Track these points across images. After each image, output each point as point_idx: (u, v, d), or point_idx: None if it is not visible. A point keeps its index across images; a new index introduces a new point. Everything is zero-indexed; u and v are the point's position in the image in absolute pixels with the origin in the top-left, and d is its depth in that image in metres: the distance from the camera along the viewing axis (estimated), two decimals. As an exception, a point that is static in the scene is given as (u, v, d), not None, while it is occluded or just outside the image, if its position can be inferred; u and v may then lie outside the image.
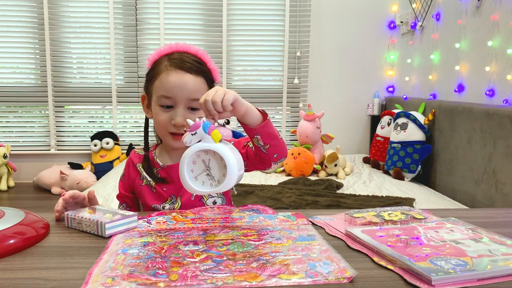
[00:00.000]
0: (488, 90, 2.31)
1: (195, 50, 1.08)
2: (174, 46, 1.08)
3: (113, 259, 0.71)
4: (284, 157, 0.99)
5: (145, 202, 1.09)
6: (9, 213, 0.87)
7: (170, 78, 1.02)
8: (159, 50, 1.08)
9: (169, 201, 1.07)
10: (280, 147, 0.96)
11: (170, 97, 1.02)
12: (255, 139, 0.93)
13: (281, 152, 0.97)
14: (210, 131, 0.82)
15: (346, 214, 0.94)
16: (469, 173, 2.29)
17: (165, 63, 1.04)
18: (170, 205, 1.07)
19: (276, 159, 0.97)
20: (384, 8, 3.64)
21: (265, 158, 0.97)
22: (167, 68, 1.03)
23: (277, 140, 0.95)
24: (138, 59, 3.59)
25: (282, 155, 0.98)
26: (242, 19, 3.63)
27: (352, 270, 0.66)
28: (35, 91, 3.57)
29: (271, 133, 0.93)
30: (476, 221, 0.92)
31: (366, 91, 3.74)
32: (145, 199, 1.09)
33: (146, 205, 1.10)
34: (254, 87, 3.69)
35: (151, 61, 1.09)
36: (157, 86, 1.04)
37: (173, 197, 1.08)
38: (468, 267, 0.66)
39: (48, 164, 3.55)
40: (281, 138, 0.96)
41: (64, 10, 3.53)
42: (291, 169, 2.89)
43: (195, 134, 0.82)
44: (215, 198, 1.10)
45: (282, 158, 0.98)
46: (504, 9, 2.21)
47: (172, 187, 1.08)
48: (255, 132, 0.92)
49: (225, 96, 0.83)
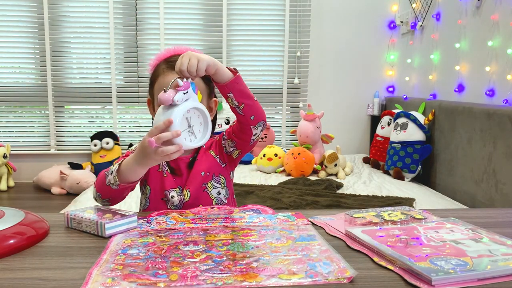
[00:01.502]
0: (488, 90, 2.31)
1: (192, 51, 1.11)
2: (172, 50, 1.13)
3: (113, 259, 0.71)
4: (263, 121, 1.04)
5: (155, 187, 1.12)
6: (9, 213, 0.87)
7: (166, 80, 1.07)
8: (159, 55, 1.14)
9: (177, 190, 1.10)
10: (255, 107, 1.02)
11: None
12: (229, 98, 0.99)
13: (258, 115, 1.02)
14: (197, 91, 0.90)
15: (346, 214, 0.94)
16: (469, 173, 2.29)
17: (163, 66, 1.10)
18: (177, 194, 1.10)
19: (254, 122, 1.02)
20: (384, 8, 3.64)
21: (243, 122, 1.03)
22: (164, 71, 1.08)
23: (251, 100, 1.01)
24: (138, 59, 3.59)
25: (259, 117, 1.03)
26: (242, 19, 3.63)
27: (352, 270, 0.66)
28: (35, 91, 3.57)
29: (243, 91, 0.99)
30: (476, 221, 0.92)
31: (366, 91, 3.74)
32: (156, 184, 1.12)
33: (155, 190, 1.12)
34: (254, 87, 3.69)
35: (151, 66, 1.14)
36: (157, 89, 1.09)
37: (180, 188, 1.11)
38: (468, 267, 0.66)
39: (48, 164, 3.54)
40: (256, 101, 1.02)
41: (64, 10, 3.53)
42: (291, 169, 2.89)
43: (186, 93, 0.87)
44: (219, 189, 1.14)
45: (260, 122, 1.04)
46: (504, 9, 2.21)
47: (180, 179, 1.12)
48: (227, 89, 0.97)
49: (198, 65, 0.89)
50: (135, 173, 0.97)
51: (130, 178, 0.97)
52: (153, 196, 1.12)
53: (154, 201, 1.12)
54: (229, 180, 1.17)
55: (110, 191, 1.00)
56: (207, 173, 1.12)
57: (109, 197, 1.03)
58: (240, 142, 1.09)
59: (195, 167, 1.12)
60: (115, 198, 1.04)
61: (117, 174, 0.97)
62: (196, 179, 1.11)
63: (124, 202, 2.25)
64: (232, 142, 1.11)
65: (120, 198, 1.05)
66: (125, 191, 1.03)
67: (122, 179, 0.97)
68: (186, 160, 1.13)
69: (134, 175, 0.97)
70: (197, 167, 1.12)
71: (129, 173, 0.96)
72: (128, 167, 0.96)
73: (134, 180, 0.99)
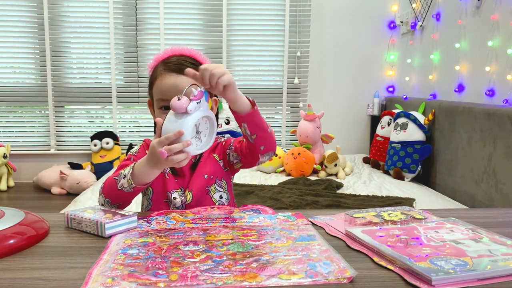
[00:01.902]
0: (488, 90, 2.31)
1: (189, 51, 1.13)
2: (170, 51, 1.13)
3: (113, 259, 0.71)
4: (272, 152, 1.05)
5: (157, 188, 1.12)
6: (9, 213, 0.87)
7: (164, 81, 1.07)
8: (157, 57, 1.14)
9: (179, 191, 1.11)
10: (267, 140, 1.01)
11: (166, 99, 1.05)
12: (243, 127, 0.99)
13: (268, 145, 1.02)
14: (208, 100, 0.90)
15: (346, 214, 0.94)
16: (469, 173, 2.29)
17: (160, 68, 1.09)
18: (179, 195, 1.10)
19: (263, 152, 1.02)
20: (384, 8, 3.64)
21: (252, 149, 1.03)
22: (161, 73, 1.08)
23: (265, 133, 1.00)
24: (138, 59, 3.59)
25: (269, 148, 1.03)
26: (242, 19, 3.63)
27: (352, 270, 0.66)
28: (35, 91, 3.57)
29: (258, 124, 0.98)
30: (476, 221, 0.92)
31: (366, 91, 3.74)
32: (158, 185, 1.12)
33: (157, 191, 1.12)
34: (254, 87, 3.69)
35: (150, 67, 1.14)
36: (155, 91, 1.10)
37: (182, 189, 1.11)
38: (468, 267, 0.66)
39: (48, 164, 3.55)
40: (270, 132, 1.01)
41: (64, 10, 3.53)
42: (291, 169, 2.89)
43: (199, 102, 0.87)
44: (221, 193, 1.14)
45: (269, 152, 1.04)
46: (504, 9, 2.21)
47: (182, 180, 1.12)
48: (242, 119, 0.97)
49: (222, 76, 0.87)
50: (150, 174, 0.97)
51: (145, 180, 0.98)
52: (155, 198, 1.12)
53: (156, 203, 1.12)
54: (230, 185, 1.17)
55: (122, 195, 1.00)
56: (210, 176, 1.12)
57: (120, 201, 1.03)
58: (246, 160, 1.10)
59: (199, 168, 1.12)
60: (125, 202, 1.05)
61: (131, 177, 0.98)
62: (199, 181, 1.11)
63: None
64: (237, 156, 1.11)
65: (130, 201, 1.05)
66: (137, 194, 1.04)
67: (137, 181, 0.98)
68: (189, 161, 1.13)
69: (149, 177, 0.98)
70: (200, 169, 1.12)
71: (144, 175, 0.97)
72: (142, 170, 0.96)
73: (149, 181, 1.00)
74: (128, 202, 1.05)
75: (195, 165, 1.13)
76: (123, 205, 1.06)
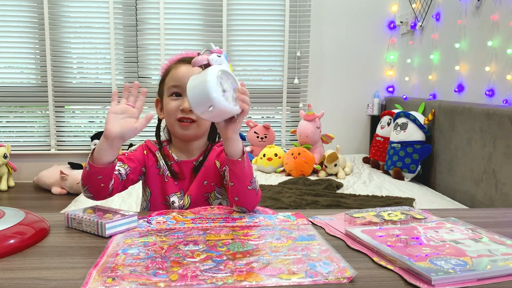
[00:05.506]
0: (488, 90, 2.31)
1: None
2: (184, 54, 1.17)
3: (113, 259, 0.71)
4: (247, 210, 0.98)
5: (155, 191, 1.12)
6: (9, 213, 0.87)
7: (178, 70, 1.10)
8: (171, 59, 1.17)
9: (179, 194, 1.11)
10: (245, 196, 0.96)
11: (179, 85, 1.08)
12: (226, 168, 0.98)
13: (243, 201, 0.97)
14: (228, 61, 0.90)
15: (346, 214, 0.94)
16: (469, 173, 2.29)
17: (174, 63, 1.13)
18: (178, 199, 1.10)
19: (236, 203, 0.98)
20: (384, 8, 3.64)
21: (227, 192, 1.01)
22: (176, 64, 1.12)
23: (243, 187, 0.95)
24: (138, 59, 3.59)
25: (243, 204, 0.97)
26: (242, 19, 3.63)
27: (352, 270, 0.66)
28: (35, 91, 3.57)
29: (239, 175, 0.94)
30: (476, 221, 0.92)
31: (366, 91, 3.74)
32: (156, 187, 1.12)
33: (154, 194, 1.12)
34: (254, 87, 3.69)
35: (163, 68, 1.17)
36: (168, 81, 1.11)
37: (181, 191, 1.11)
38: (468, 267, 0.66)
39: (48, 164, 3.54)
40: (251, 190, 0.95)
41: (64, 10, 3.52)
42: (291, 169, 2.89)
43: (220, 56, 0.86)
44: (221, 200, 1.14)
45: (242, 207, 0.98)
46: (504, 9, 2.21)
47: (182, 183, 1.12)
48: (226, 162, 0.95)
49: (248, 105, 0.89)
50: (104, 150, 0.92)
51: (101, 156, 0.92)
52: (153, 200, 1.12)
53: (155, 205, 1.12)
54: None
55: (89, 178, 0.95)
56: (210, 183, 1.12)
57: (90, 185, 0.97)
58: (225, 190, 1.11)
59: (200, 174, 1.12)
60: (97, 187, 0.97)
61: (90, 155, 0.94)
62: (198, 187, 1.11)
63: (124, 202, 2.26)
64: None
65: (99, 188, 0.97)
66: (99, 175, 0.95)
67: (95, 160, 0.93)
68: (190, 165, 1.13)
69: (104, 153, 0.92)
70: (201, 175, 1.12)
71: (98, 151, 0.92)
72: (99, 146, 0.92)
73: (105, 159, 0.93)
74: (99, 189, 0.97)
75: (197, 169, 1.13)
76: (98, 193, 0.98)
